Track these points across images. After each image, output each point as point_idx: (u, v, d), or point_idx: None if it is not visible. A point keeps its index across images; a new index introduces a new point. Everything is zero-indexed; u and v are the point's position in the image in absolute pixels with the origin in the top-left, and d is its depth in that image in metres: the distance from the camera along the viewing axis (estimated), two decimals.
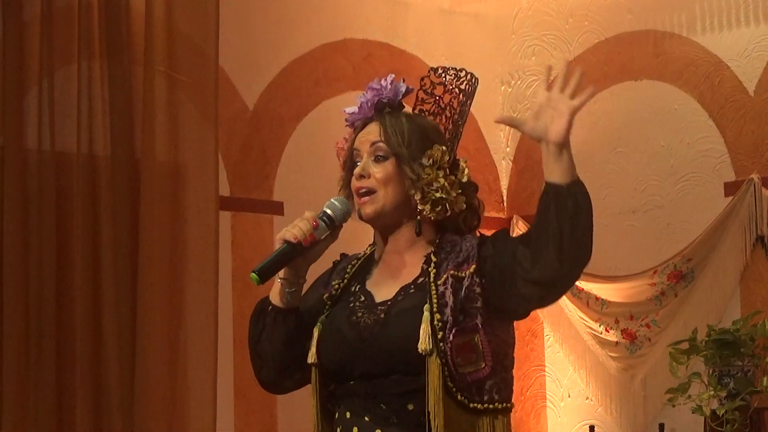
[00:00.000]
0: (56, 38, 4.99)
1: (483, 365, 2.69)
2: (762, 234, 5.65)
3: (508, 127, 6.64)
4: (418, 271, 2.78)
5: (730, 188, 5.78)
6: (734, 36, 5.85)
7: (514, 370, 2.81)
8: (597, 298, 6.12)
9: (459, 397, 2.68)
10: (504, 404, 2.74)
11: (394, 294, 2.77)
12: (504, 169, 6.66)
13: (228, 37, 5.45)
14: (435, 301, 2.70)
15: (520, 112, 6.61)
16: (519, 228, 6.46)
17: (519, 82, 6.61)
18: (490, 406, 2.71)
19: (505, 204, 6.63)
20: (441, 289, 2.71)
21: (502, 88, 6.65)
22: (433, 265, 2.75)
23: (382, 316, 2.74)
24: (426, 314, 2.68)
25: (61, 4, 5.03)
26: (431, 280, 2.73)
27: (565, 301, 6.23)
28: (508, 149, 6.65)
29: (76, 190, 4.98)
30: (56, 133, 4.95)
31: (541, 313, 6.34)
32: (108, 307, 4.98)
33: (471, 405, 2.69)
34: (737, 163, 5.80)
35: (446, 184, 2.77)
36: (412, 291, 2.76)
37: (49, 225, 4.89)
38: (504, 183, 6.65)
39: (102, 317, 4.98)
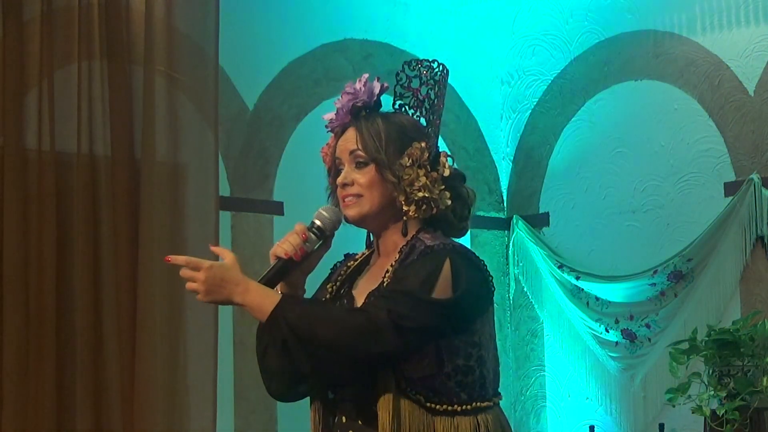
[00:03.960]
0: (56, 38, 4.98)
1: (435, 370, 2.68)
2: (762, 234, 5.65)
3: (508, 127, 6.65)
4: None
5: (730, 188, 5.78)
6: (734, 36, 5.84)
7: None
8: (597, 298, 6.12)
9: (415, 395, 2.68)
10: (464, 406, 2.71)
11: (363, 302, 2.77)
12: (504, 169, 6.65)
13: (228, 37, 5.45)
14: None
15: (520, 113, 6.61)
16: (519, 228, 6.47)
17: (519, 82, 6.61)
18: (449, 407, 2.70)
19: (505, 204, 6.63)
20: None
21: (502, 88, 6.65)
22: (390, 271, 2.75)
23: None
24: None
25: (61, 4, 5.02)
26: (384, 286, 2.73)
27: (565, 301, 6.23)
28: (508, 149, 6.65)
29: (76, 190, 4.98)
30: (56, 133, 4.94)
31: (541, 313, 6.34)
32: (108, 307, 4.98)
33: (427, 404, 2.69)
34: (737, 163, 5.79)
35: (428, 182, 2.76)
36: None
37: (49, 225, 4.89)
38: (504, 183, 6.64)
39: (102, 317, 4.97)
